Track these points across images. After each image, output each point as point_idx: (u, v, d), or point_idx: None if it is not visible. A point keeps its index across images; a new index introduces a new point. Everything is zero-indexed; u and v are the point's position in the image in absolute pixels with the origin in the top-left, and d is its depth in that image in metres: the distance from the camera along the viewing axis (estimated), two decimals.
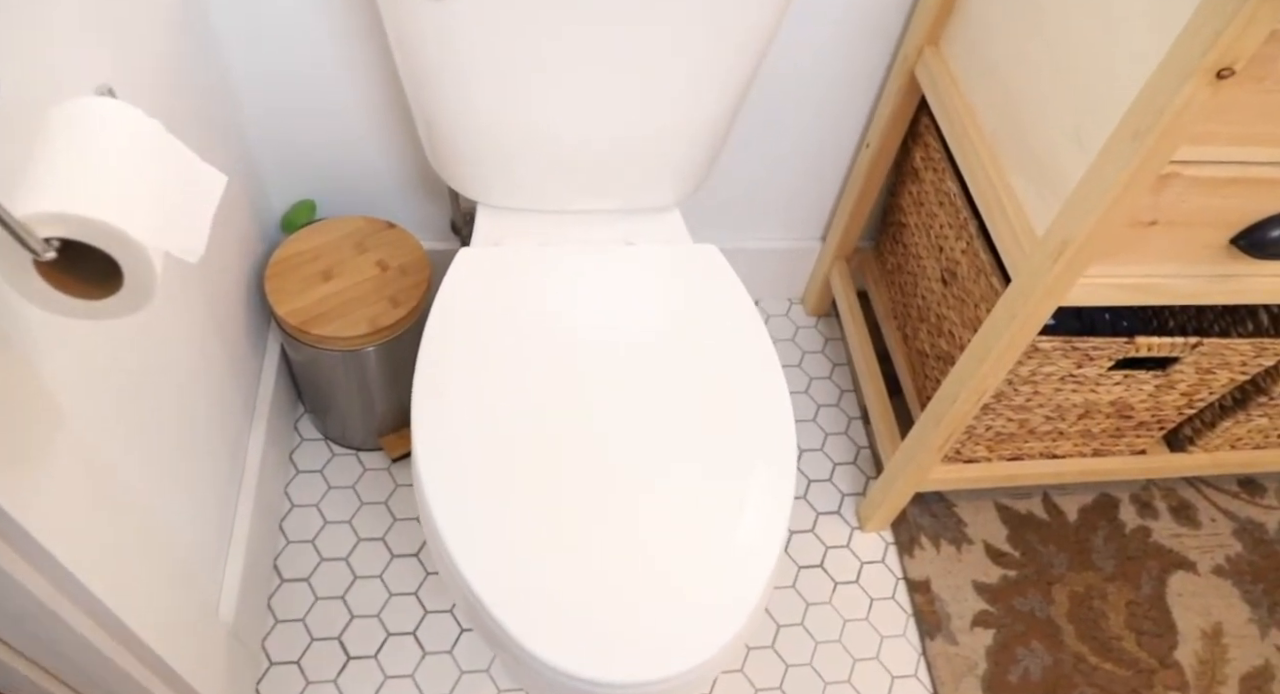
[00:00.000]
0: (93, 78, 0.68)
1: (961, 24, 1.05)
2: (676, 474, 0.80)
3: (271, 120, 1.13)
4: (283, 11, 1.01)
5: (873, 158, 1.26)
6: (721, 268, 0.94)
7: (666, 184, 0.98)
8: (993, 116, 0.98)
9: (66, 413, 0.64)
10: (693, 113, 0.91)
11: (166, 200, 0.51)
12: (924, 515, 1.32)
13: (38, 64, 0.60)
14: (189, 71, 0.94)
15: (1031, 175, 0.91)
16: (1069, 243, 0.81)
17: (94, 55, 0.70)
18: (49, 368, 0.62)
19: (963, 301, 1.10)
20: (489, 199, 0.99)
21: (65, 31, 0.65)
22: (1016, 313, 0.89)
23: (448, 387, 0.82)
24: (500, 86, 0.85)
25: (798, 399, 1.44)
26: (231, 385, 1.07)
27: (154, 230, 0.49)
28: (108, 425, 0.72)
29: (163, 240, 0.49)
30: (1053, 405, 1.10)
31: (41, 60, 0.60)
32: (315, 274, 1.12)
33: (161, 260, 0.49)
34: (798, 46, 1.16)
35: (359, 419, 1.24)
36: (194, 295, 0.95)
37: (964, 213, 1.09)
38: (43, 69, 0.60)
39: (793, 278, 1.52)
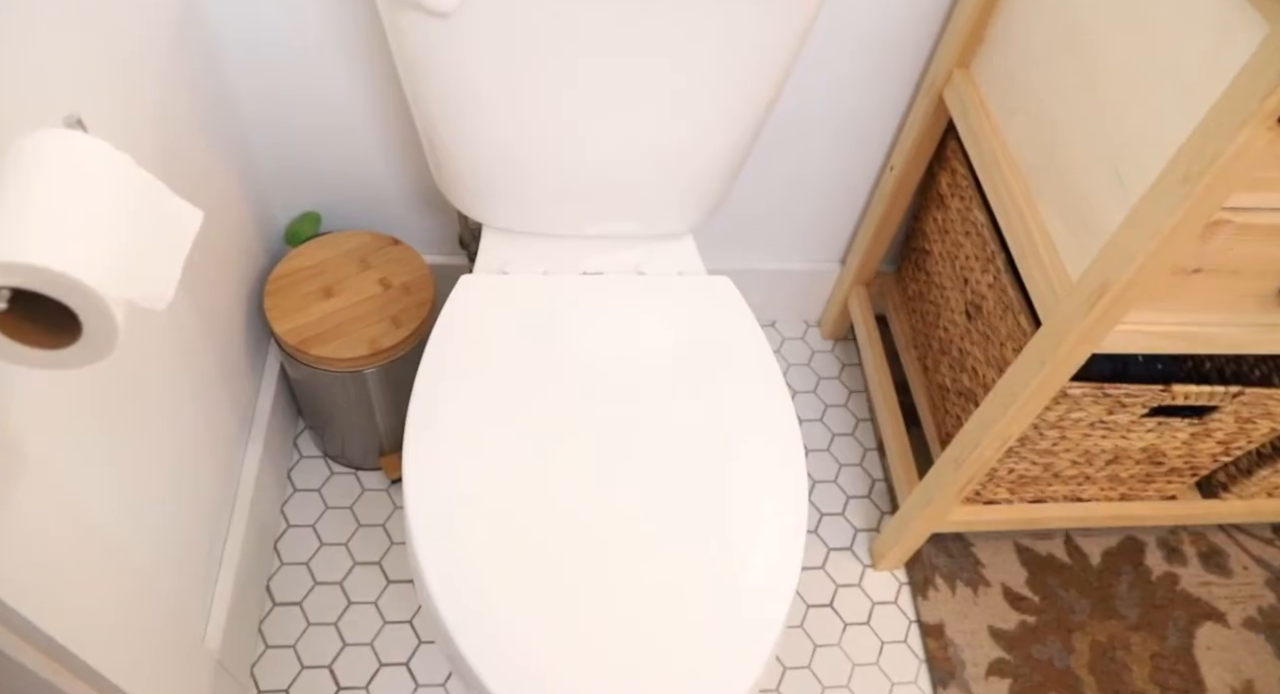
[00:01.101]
0: (63, 105, 0.64)
1: (995, 48, 1.00)
2: (682, 518, 0.76)
3: (274, 133, 1.10)
4: (285, 25, 0.98)
5: (897, 181, 1.21)
6: (734, 301, 0.89)
7: (680, 210, 0.94)
8: (1026, 148, 0.93)
9: (28, 453, 0.60)
10: (709, 138, 0.86)
11: (132, 243, 0.47)
12: (940, 554, 1.27)
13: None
14: (186, 84, 0.90)
15: (1067, 213, 0.86)
16: (1106, 289, 0.76)
17: (67, 79, 0.67)
18: (15, 389, 0.59)
19: (987, 338, 1.05)
20: (495, 222, 0.95)
21: (35, 55, 0.61)
22: (1046, 359, 0.84)
23: (442, 424, 0.78)
24: (507, 108, 0.81)
25: (812, 427, 1.39)
26: (227, 402, 1.03)
27: (116, 278, 0.45)
28: (83, 447, 0.69)
29: (125, 288, 0.46)
30: (1080, 451, 1.05)
31: (3, 88, 0.57)
32: (316, 290, 1.08)
33: (125, 310, 0.46)
34: (821, 64, 1.11)
35: (359, 438, 1.20)
36: (188, 308, 0.91)
37: (991, 246, 1.04)
38: (4, 98, 0.57)
39: (810, 300, 1.48)
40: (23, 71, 0.59)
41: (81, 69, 0.68)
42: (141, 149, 0.80)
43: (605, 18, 0.74)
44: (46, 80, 0.62)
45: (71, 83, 0.67)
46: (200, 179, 0.94)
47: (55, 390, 0.64)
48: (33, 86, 0.60)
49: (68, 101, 0.64)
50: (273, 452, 1.17)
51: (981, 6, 0.99)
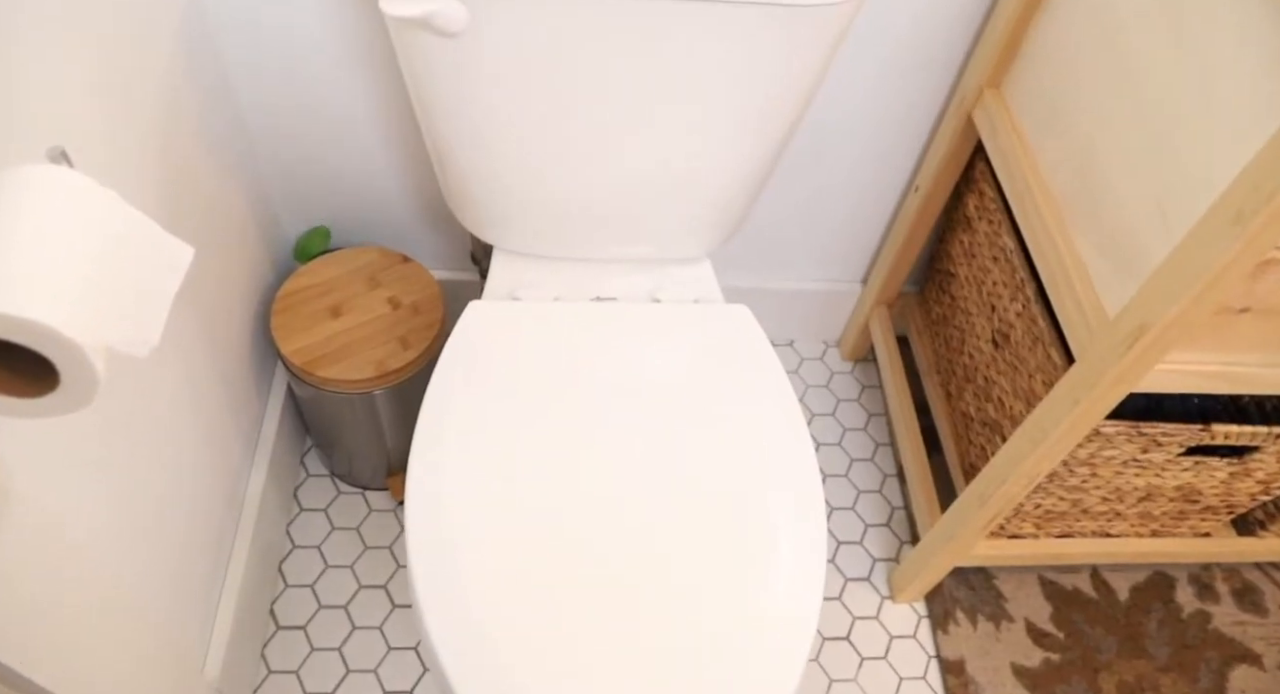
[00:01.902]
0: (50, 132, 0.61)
1: (1029, 67, 0.96)
2: (696, 552, 0.73)
3: (284, 148, 1.08)
4: (293, 40, 0.95)
5: (922, 202, 1.18)
6: (752, 331, 0.86)
7: (696, 235, 0.91)
8: (1061, 175, 0.89)
9: (13, 488, 0.58)
10: (727, 163, 0.83)
11: (114, 285, 0.44)
12: (961, 587, 1.23)
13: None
14: (192, 100, 0.88)
15: (1104, 245, 0.82)
16: (1146, 329, 0.72)
17: (56, 104, 0.64)
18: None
19: (1015, 369, 1.01)
20: (506, 244, 0.92)
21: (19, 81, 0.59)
22: (1080, 398, 0.80)
23: (446, 458, 0.75)
24: (518, 130, 0.78)
25: (830, 451, 1.36)
26: (231, 421, 1.01)
27: (94, 324, 0.42)
28: (75, 471, 0.66)
29: (105, 335, 0.43)
30: (1111, 488, 1.01)
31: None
32: (324, 309, 1.06)
33: (104, 357, 0.43)
34: (844, 81, 1.07)
35: (366, 458, 1.18)
36: (192, 326, 0.89)
37: (1021, 273, 1.00)
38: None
39: (829, 320, 1.44)
40: (6, 100, 0.56)
41: (74, 91, 0.66)
42: (144, 168, 0.77)
43: (621, 42, 0.71)
44: (32, 109, 0.60)
45: (62, 106, 0.64)
46: (207, 196, 0.92)
47: (22, 424, 0.62)
48: (16, 116, 0.58)
49: (57, 128, 0.62)
50: (278, 471, 1.15)
51: (1015, 24, 0.95)
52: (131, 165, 0.75)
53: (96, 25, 0.69)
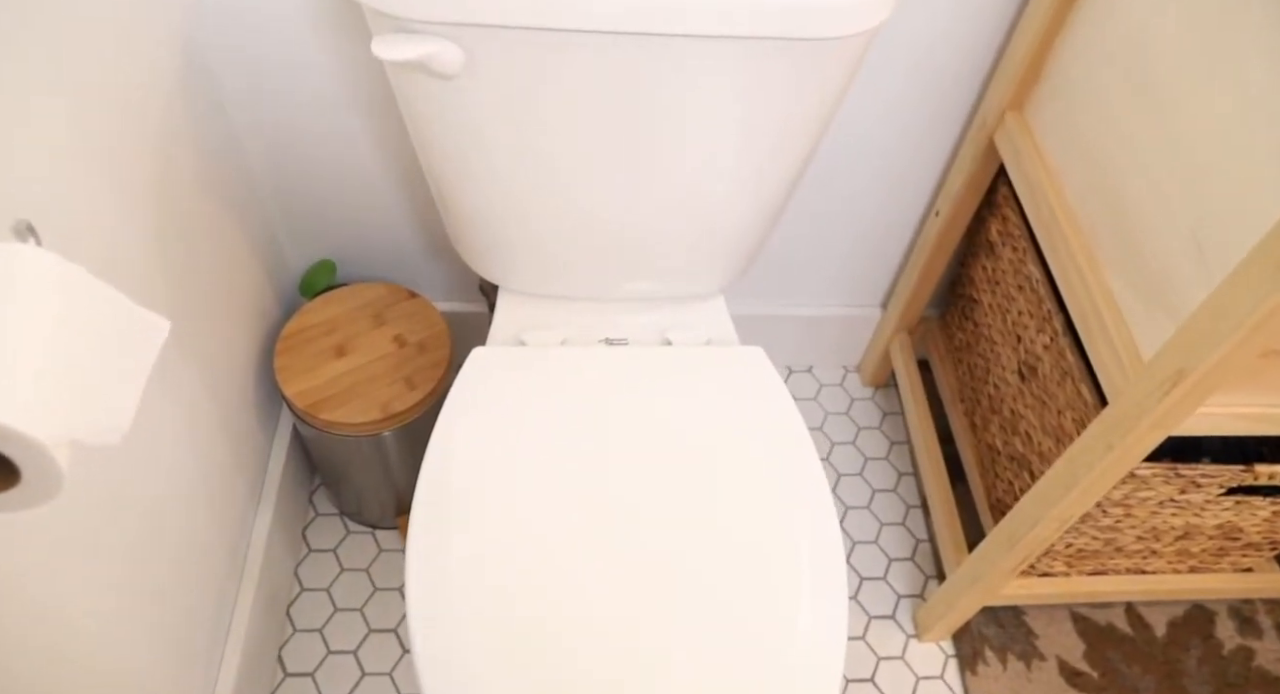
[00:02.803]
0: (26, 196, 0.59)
1: (1053, 90, 0.92)
2: (713, 610, 0.70)
3: (286, 183, 1.05)
4: (292, 76, 0.93)
5: (943, 227, 1.14)
6: (766, 375, 0.82)
7: (708, 272, 0.87)
8: (1088, 204, 0.85)
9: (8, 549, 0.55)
10: (738, 199, 0.80)
11: (79, 372, 0.41)
12: (989, 624, 1.19)
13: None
14: (189, 137, 0.86)
15: (1136, 280, 0.78)
16: (1185, 375, 0.68)
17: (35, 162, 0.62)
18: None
19: (1043, 404, 0.97)
20: (512, 284, 0.89)
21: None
22: (1114, 444, 0.76)
23: (449, 515, 0.73)
24: (519, 169, 0.75)
25: (851, 482, 1.32)
26: (235, 465, 0.99)
27: (56, 417, 0.39)
28: (66, 540, 0.64)
29: (69, 427, 0.40)
30: (1147, 528, 0.97)
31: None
32: (328, 349, 1.03)
33: (68, 452, 0.40)
34: (860, 101, 1.04)
35: (374, 497, 1.15)
36: (192, 370, 0.87)
37: (1048, 304, 0.96)
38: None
39: (848, 345, 1.40)
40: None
41: (57, 143, 0.63)
42: (135, 214, 0.75)
43: (623, 79, 0.68)
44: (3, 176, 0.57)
45: (43, 161, 0.62)
46: (206, 237, 0.90)
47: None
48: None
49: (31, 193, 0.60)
50: (285, 512, 1.12)
51: (1037, 45, 0.92)
52: (121, 214, 0.73)
53: (82, 75, 0.67)
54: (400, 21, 0.64)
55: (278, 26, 0.88)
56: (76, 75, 0.66)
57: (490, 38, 0.65)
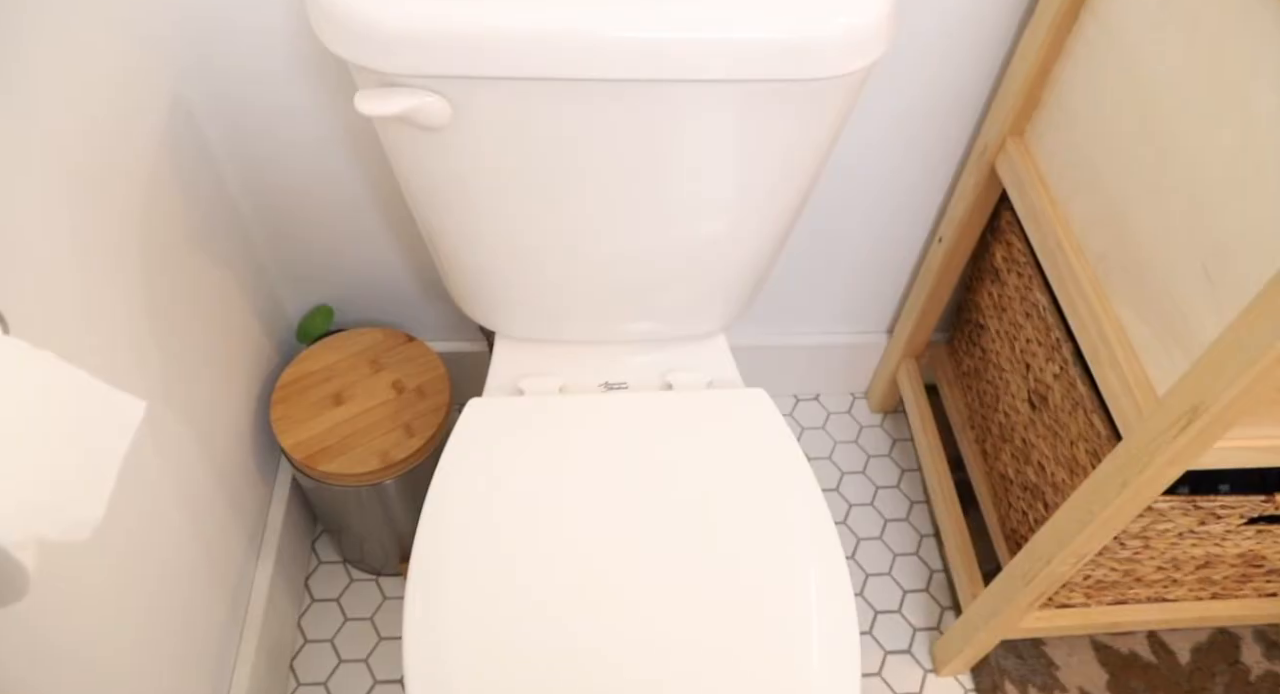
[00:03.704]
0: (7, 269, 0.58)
1: (1053, 116, 0.90)
2: (721, 660, 0.68)
3: (280, 229, 1.04)
4: (281, 122, 0.92)
5: (946, 253, 1.12)
6: (769, 418, 0.80)
7: (707, 313, 0.86)
8: (1094, 232, 0.84)
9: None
10: (735, 239, 0.78)
11: (47, 468, 0.40)
12: (1008, 656, 1.16)
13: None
14: (178, 189, 0.85)
15: (1146, 311, 0.76)
16: (1200, 411, 0.66)
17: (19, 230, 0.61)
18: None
19: (1055, 434, 0.95)
20: (509, 331, 0.87)
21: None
22: (1129, 480, 0.74)
23: (448, 570, 0.71)
24: (513, 218, 0.74)
25: (863, 512, 1.29)
26: (234, 518, 0.97)
27: (19, 517, 0.38)
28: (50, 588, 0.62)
29: (34, 526, 0.38)
30: (1167, 558, 0.94)
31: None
32: (326, 397, 1.02)
33: (34, 552, 0.38)
34: (859, 130, 1.02)
35: (377, 544, 1.13)
36: (184, 428, 0.85)
37: (1056, 332, 0.94)
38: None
39: (855, 372, 1.38)
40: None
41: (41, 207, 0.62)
42: (124, 271, 0.74)
43: (614, 125, 0.66)
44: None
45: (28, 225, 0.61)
46: (198, 289, 0.89)
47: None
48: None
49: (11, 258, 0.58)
50: (287, 563, 1.10)
51: (1036, 71, 0.90)
52: (109, 275, 0.72)
53: (65, 140, 0.66)
54: (384, 76, 0.63)
55: (265, 79, 0.88)
56: (59, 141, 0.65)
57: (476, 89, 0.63)
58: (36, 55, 0.63)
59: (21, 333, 0.57)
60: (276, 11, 0.82)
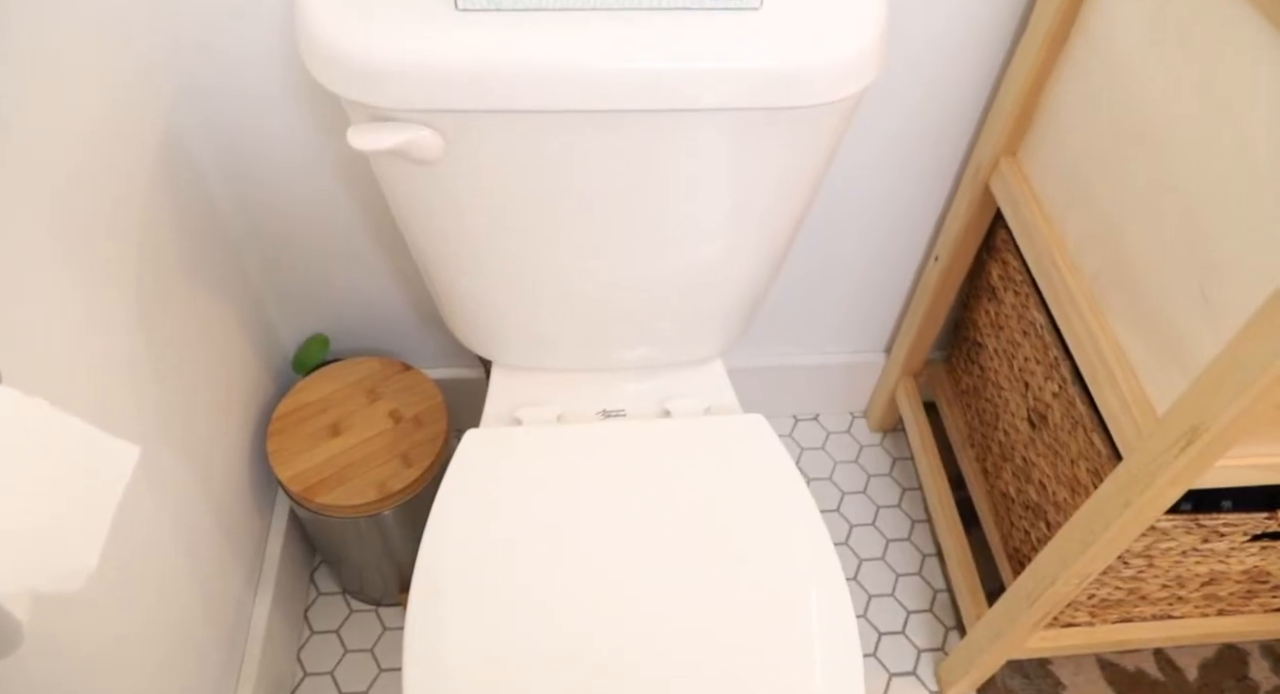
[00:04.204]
0: None
1: (1046, 135, 0.91)
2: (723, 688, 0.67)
3: (274, 259, 1.04)
4: (274, 154, 0.92)
5: (943, 272, 1.12)
6: (768, 444, 0.80)
7: (704, 338, 0.85)
8: (1089, 251, 0.84)
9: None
10: (730, 265, 0.78)
11: (39, 517, 0.39)
12: (1015, 675, 1.15)
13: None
14: (172, 222, 0.85)
15: (1144, 331, 0.75)
16: (1200, 431, 0.66)
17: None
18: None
19: (1056, 453, 0.94)
20: (505, 360, 0.87)
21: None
22: (1131, 500, 0.73)
23: (447, 610, 0.70)
24: (507, 248, 0.74)
25: (864, 532, 1.29)
26: (231, 553, 0.96)
27: (16, 568, 0.37)
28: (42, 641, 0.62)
29: (30, 577, 0.38)
30: (1171, 576, 0.94)
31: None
32: (323, 428, 1.01)
33: (28, 603, 0.38)
34: (856, 153, 1.03)
35: (376, 574, 1.13)
36: (181, 461, 0.85)
37: (1054, 351, 0.93)
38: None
39: (854, 391, 1.38)
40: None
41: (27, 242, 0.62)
42: (120, 307, 0.73)
43: (607, 155, 0.66)
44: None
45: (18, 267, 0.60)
46: (196, 322, 0.88)
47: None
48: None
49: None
50: (285, 596, 1.09)
51: (1027, 90, 0.90)
52: (105, 311, 0.71)
53: (57, 180, 0.66)
54: (376, 110, 0.63)
55: (258, 108, 0.88)
56: (51, 180, 0.65)
57: (469, 122, 0.63)
58: (27, 92, 0.63)
59: (15, 374, 0.57)
60: (269, 42, 0.83)
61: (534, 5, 0.62)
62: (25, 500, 0.39)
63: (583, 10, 0.62)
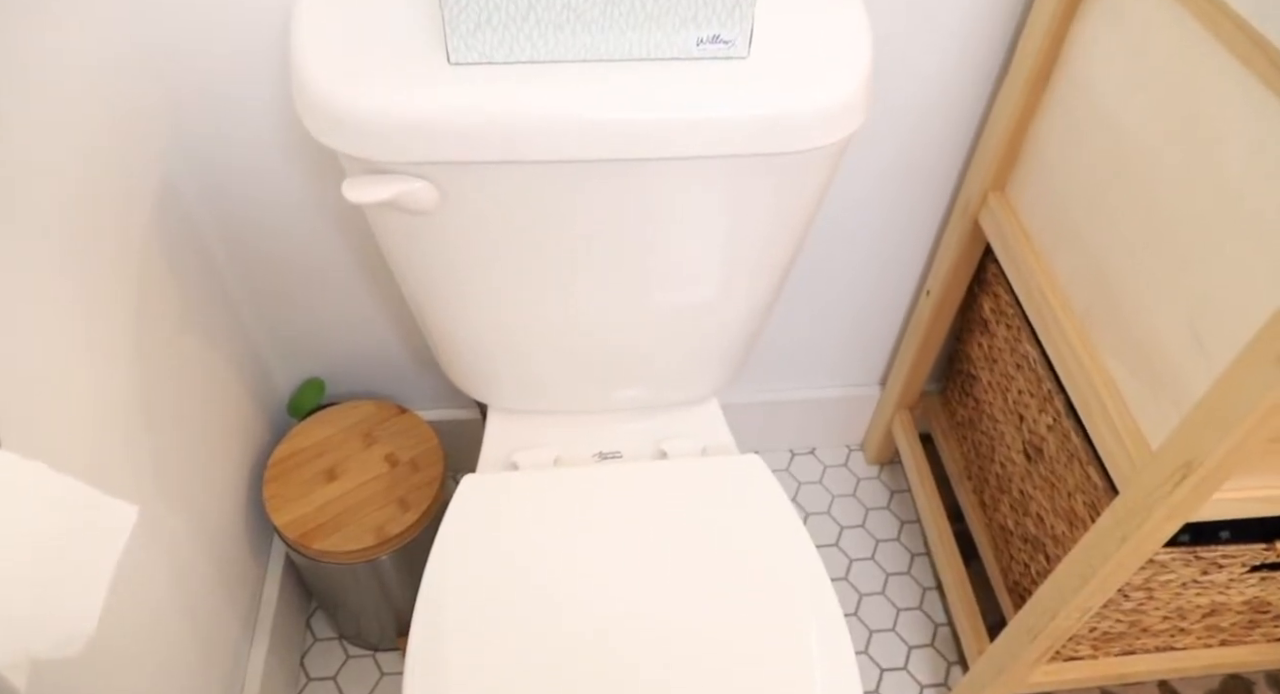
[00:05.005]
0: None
1: (1033, 171, 0.92)
2: None
3: (268, 304, 1.05)
4: (268, 200, 0.93)
5: (935, 306, 1.13)
6: (765, 485, 0.80)
7: (699, 379, 0.86)
8: (1078, 285, 0.84)
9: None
10: (723, 307, 0.79)
11: (41, 581, 0.39)
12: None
13: None
14: (166, 271, 0.85)
15: (1135, 366, 0.76)
16: (1194, 466, 0.66)
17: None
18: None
19: (1053, 486, 0.94)
20: (501, 403, 0.87)
21: None
22: (1129, 535, 0.74)
23: (447, 655, 0.69)
24: (502, 295, 0.74)
25: (864, 566, 1.28)
26: (227, 602, 0.96)
27: (14, 635, 0.37)
28: None
29: (28, 644, 0.38)
30: (1172, 608, 0.93)
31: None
32: (319, 474, 1.01)
33: (27, 671, 0.38)
34: (845, 190, 1.04)
35: (374, 619, 1.12)
36: (177, 510, 0.84)
37: (1048, 384, 0.94)
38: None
39: (850, 424, 1.38)
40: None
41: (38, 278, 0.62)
42: (116, 359, 0.73)
43: (601, 202, 0.67)
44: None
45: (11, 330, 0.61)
46: (191, 370, 0.88)
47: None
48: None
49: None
50: (281, 643, 1.08)
51: (1013, 127, 0.92)
52: (99, 363, 0.71)
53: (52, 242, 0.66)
54: (371, 163, 0.64)
55: (254, 157, 0.89)
56: (46, 244, 0.65)
57: (463, 173, 0.64)
58: (20, 146, 0.63)
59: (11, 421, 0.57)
60: (263, 92, 0.84)
61: (526, 57, 0.63)
62: (24, 568, 0.39)
63: (574, 62, 0.63)
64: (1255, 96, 0.62)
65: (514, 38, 0.62)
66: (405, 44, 0.63)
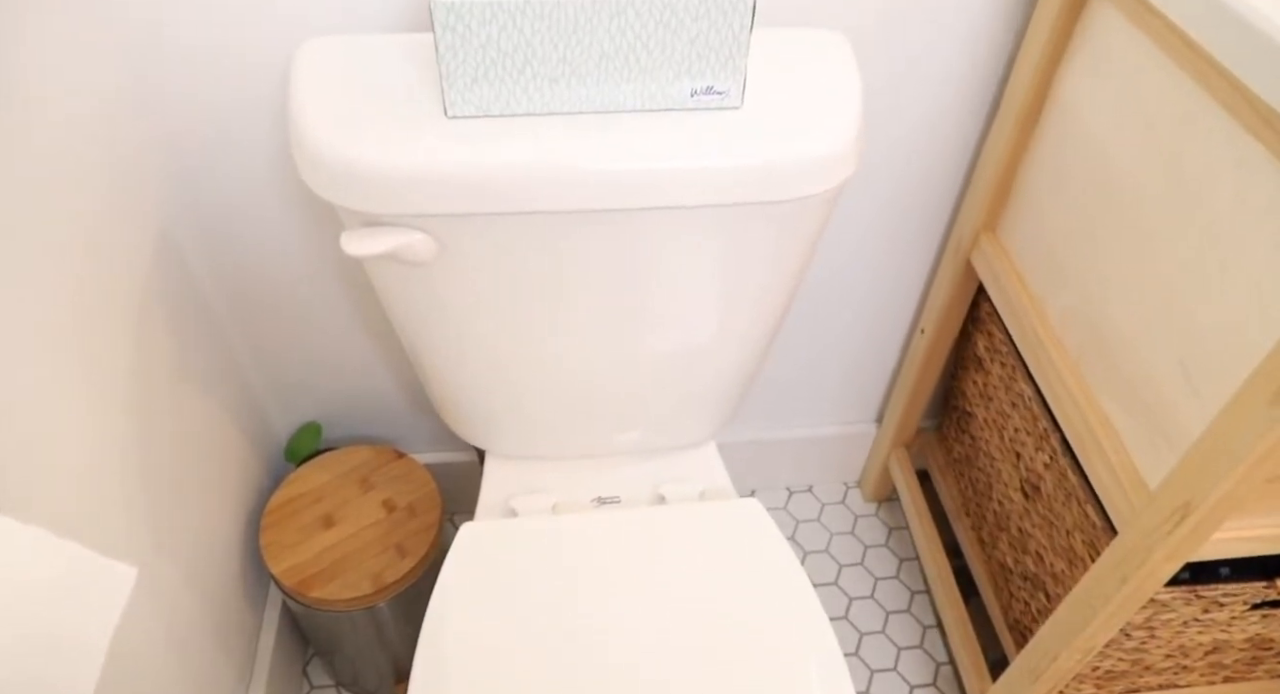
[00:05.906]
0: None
1: (1023, 212, 0.93)
2: None
3: (265, 349, 1.05)
4: (265, 247, 0.94)
5: (929, 344, 1.13)
6: (764, 529, 0.80)
7: (696, 423, 0.86)
8: (1071, 325, 0.85)
9: None
10: (720, 352, 0.79)
11: (37, 651, 0.39)
12: None
13: None
14: (164, 318, 0.85)
15: (1130, 407, 0.76)
16: (1193, 507, 0.66)
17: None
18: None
19: (1051, 524, 0.94)
20: (498, 449, 0.87)
21: None
22: (1129, 576, 0.73)
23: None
24: (499, 343, 0.75)
25: (863, 605, 1.27)
26: (222, 653, 0.94)
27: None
28: None
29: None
30: (1174, 646, 0.93)
31: None
32: (316, 520, 1.01)
33: None
34: (838, 232, 1.05)
35: (371, 666, 1.10)
36: (172, 560, 0.84)
37: (1043, 423, 0.94)
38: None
39: (847, 462, 1.38)
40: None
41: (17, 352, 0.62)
42: (113, 410, 0.73)
43: (599, 251, 0.68)
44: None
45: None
46: (189, 418, 0.88)
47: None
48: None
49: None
50: (278, 692, 1.07)
51: (1003, 169, 0.93)
52: (97, 414, 0.71)
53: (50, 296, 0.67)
54: (369, 216, 0.64)
55: (251, 207, 0.89)
56: (40, 286, 0.66)
57: (461, 225, 0.65)
58: (20, 197, 0.64)
59: (8, 494, 0.57)
60: (261, 141, 0.85)
61: (522, 110, 0.64)
62: (22, 640, 0.39)
63: (570, 114, 0.64)
64: (1239, 141, 0.63)
65: (510, 91, 0.63)
66: (403, 98, 0.64)
